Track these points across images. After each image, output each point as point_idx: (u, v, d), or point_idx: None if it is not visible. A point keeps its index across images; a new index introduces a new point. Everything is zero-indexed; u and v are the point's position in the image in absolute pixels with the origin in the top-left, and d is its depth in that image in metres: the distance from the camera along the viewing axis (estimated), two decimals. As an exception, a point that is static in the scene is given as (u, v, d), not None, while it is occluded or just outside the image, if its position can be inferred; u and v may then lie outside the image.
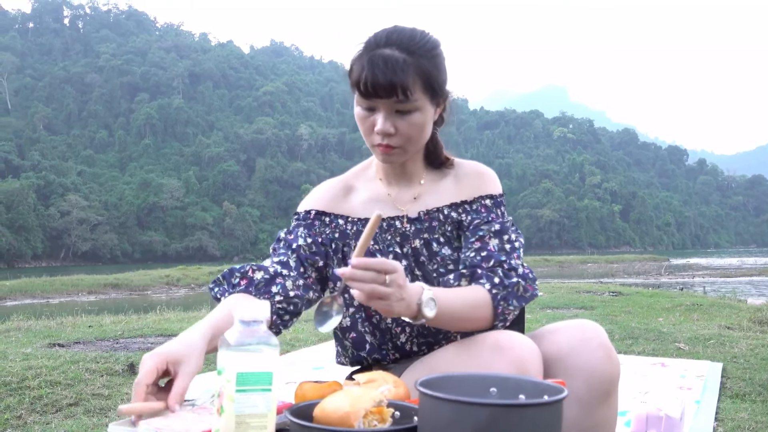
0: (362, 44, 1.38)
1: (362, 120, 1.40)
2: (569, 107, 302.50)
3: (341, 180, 1.56)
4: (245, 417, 0.90)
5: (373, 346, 1.46)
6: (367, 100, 1.35)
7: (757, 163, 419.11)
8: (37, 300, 16.48)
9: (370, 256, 1.41)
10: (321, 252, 1.46)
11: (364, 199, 1.50)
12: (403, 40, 1.33)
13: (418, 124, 1.37)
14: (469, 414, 0.80)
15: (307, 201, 1.54)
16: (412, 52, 1.33)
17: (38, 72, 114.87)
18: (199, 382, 3.84)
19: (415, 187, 1.51)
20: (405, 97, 1.32)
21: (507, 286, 1.37)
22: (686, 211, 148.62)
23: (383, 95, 1.31)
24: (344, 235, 1.47)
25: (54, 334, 5.30)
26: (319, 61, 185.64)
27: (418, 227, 1.47)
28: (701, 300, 8.46)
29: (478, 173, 1.53)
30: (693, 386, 3.40)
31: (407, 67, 1.31)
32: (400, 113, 1.35)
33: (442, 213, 1.48)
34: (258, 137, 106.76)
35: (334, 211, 1.49)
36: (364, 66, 1.32)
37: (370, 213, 1.42)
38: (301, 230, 1.48)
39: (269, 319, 0.96)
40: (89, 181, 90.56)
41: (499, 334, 1.24)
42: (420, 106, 1.35)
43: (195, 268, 24.86)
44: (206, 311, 7.80)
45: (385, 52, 1.32)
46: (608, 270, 30.07)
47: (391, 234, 1.46)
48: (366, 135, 1.41)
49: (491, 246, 1.42)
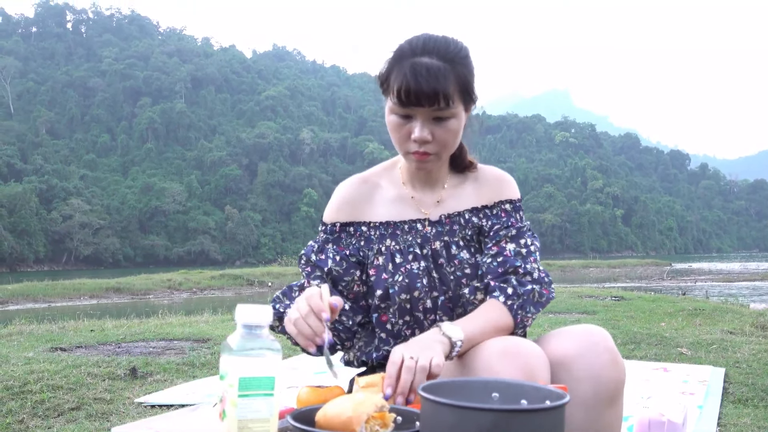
0: (394, 52, 1.39)
1: (397, 128, 1.40)
2: (573, 112, 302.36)
3: (367, 178, 1.58)
4: (247, 422, 0.89)
5: (381, 352, 1.46)
6: (405, 108, 1.36)
7: (760, 167, 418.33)
8: (39, 304, 16.48)
9: (391, 257, 1.47)
10: (352, 264, 1.49)
11: (388, 200, 1.53)
12: (440, 49, 1.36)
13: (454, 131, 1.40)
14: (471, 419, 0.80)
15: (330, 209, 1.56)
16: (450, 60, 1.35)
17: (41, 76, 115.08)
18: (201, 386, 3.81)
19: (439, 191, 1.53)
20: (447, 105, 1.34)
21: (522, 295, 1.39)
22: (688, 216, 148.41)
23: (426, 103, 1.34)
24: (369, 240, 1.51)
25: (56, 338, 5.30)
26: (322, 65, 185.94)
27: (439, 230, 1.50)
28: (703, 305, 8.44)
29: (499, 178, 1.57)
30: (695, 391, 3.39)
31: (448, 75, 1.34)
32: (437, 120, 1.37)
33: (463, 217, 1.51)
34: (260, 141, 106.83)
35: (357, 219, 1.52)
36: (405, 74, 1.33)
37: (393, 215, 1.51)
38: (332, 248, 1.51)
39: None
40: (91, 185, 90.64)
41: (505, 340, 1.24)
42: (456, 112, 1.38)
43: (197, 272, 24.84)
44: (208, 315, 7.80)
45: (424, 61, 1.34)
46: (610, 274, 30.02)
47: (413, 236, 1.49)
48: (400, 143, 1.42)
49: (508, 251, 1.45)
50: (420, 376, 1.11)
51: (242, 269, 28.79)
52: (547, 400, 0.89)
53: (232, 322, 1.09)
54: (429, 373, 1.12)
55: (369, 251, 1.49)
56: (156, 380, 3.71)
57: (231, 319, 1.02)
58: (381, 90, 1.45)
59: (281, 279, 22.92)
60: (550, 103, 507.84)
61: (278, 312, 1.45)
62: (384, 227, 1.50)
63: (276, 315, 1.45)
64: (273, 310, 1.37)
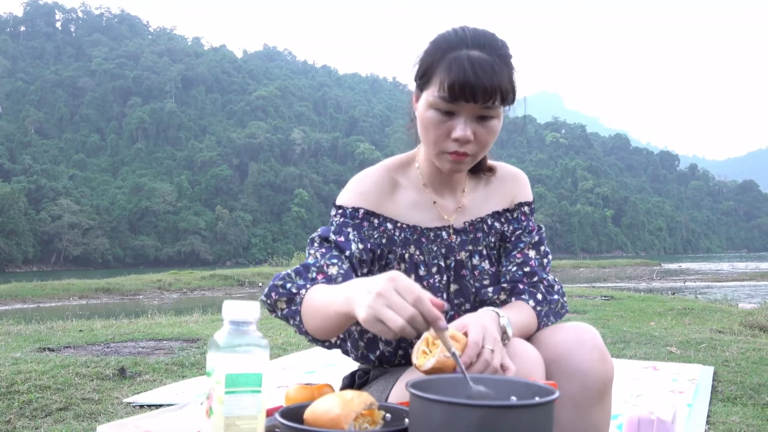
0: (435, 42, 1.30)
1: (436, 125, 1.29)
2: (564, 113, 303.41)
3: (386, 172, 1.45)
4: (234, 419, 0.88)
5: (383, 353, 1.44)
6: (452, 104, 1.25)
7: (748, 168, 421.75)
8: (27, 305, 16.36)
9: (414, 268, 1.39)
10: (368, 260, 1.36)
11: (409, 202, 1.43)
12: (490, 42, 1.27)
13: (495, 131, 1.31)
14: (460, 415, 0.79)
15: (353, 193, 1.41)
16: (500, 56, 1.26)
17: (30, 76, 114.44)
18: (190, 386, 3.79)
19: (459, 195, 1.47)
20: (501, 101, 1.26)
21: (550, 302, 1.39)
22: (678, 216, 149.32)
23: (480, 99, 1.24)
24: (391, 241, 1.40)
25: (44, 339, 5.26)
26: (312, 65, 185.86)
27: (464, 239, 1.44)
28: (693, 304, 8.48)
29: (515, 177, 1.53)
30: (685, 390, 3.40)
31: (503, 70, 1.25)
32: (480, 119, 1.28)
33: (486, 223, 1.47)
34: (251, 142, 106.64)
35: (383, 213, 1.40)
36: (462, 66, 1.23)
37: (417, 220, 1.42)
38: (352, 233, 1.35)
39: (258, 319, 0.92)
40: (81, 186, 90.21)
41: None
42: (500, 112, 1.29)
43: (187, 272, 24.72)
44: (198, 315, 7.76)
45: (475, 54, 1.24)
46: (600, 274, 30.13)
47: (437, 245, 1.42)
48: (437, 141, 1.30)
49: (532, 260, 1.44)
50: (488, 372, 1.06)
51: (233, 270, 28.69)
52: (536, 397, 0.88)
53: (221, 322, 1.03)
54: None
55: (390, 253, 1.40)
56: (145, 380, 3.68)
57: (221, 318, 0.97)
58: (417, 83, 1.33)
59: (271, 279, 22.82)
60: (541, 105, 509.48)
61: (289, 292, 1.24)
62: (410, 231, 1.41)
63: (286, 295, 1.24)
64: (283, 289, 1.25)
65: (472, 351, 1.05)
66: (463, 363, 1.02)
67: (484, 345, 1.07)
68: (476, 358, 1.06)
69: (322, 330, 1.18)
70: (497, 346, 1.09)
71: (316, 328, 1.19)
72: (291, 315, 1.23)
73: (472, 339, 1.07)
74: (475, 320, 1.13)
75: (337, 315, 1.09)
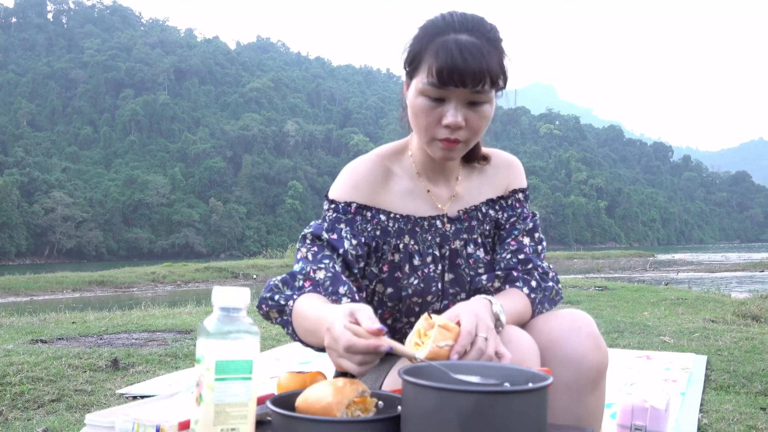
0: (423, 28, 1.27)
1: (427, 111, 1.26)
2: (558, 104, 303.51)
3: (379, 160, 1.42)
4: (225, 406, 0.87)
5: None
6: (441, 89, 1.23)
7: (741, 159, 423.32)
8: (20, 298, 16.30)
9: (409, 258, 1.38)
10: (364, 254, 1.35)
11: (402, 190, 1.41)
12: (479, 26, 1.24)
13: (487, 117, 1.28)
14: (453, 402, 0.79)
15: (345, 186, 1.39)
16: (489, 39, 1.24)
17: (21, 68, 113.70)
18: (184, 377, 3.78)
19: (453, 183, 1.45)
20: (491, 85, 1.23)
21: (543, 290, 1.38)
22: (671, 207, 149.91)
23: (469, 83, 1.21)
24: (385, 232, 1.38)
25: (37, 331, 5.24)
26: (306, 57, 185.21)
27: (458, 227, 1.43)
28: (686, 294, 8.52)
29: (509, 164, 1.52)
30: (678, 378, 3.42)
31: (492, 54, 1.22)
32: (471, 105, 1.25)
33: (480, 211, 1.46)
34: (244, 134, 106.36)
35: (376, 205, 1.38)
36: (449, 50, 1.20)
37: (411, 209, 1.40)
38: (344, 228, 1.34)
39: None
40: (74, 178, 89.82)
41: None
42: (491, 97, 1.27)
43: (181, 264, 24.68)
44: (192, 307, 7.75)
45: (463, 38, 1.21)
46: (594, 265, 30.19)
47: (432, 234, 1.41)
48: (428, 128, 1.28)
49: (527, 247, 1.43)
50: (483, 360, 1.04)
51: (227, 262, 28.68)
52: (530, 383, 0.87)
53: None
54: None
55: (385, 245, 1.38)
56: (138, 371, 3.67)
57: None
58: (406, 70, 1.30)
59: (266, 271, 22.85)
60: (535, 96, 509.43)
61: (277, 304, 1.25)
62: (404, 221, 1.39)
63: (275, 307, 1.25)
64: (272, 301, 1.26)
65: (465, 340, 1.04)
66: (457, 352, 1.02)
67: (477, 333, 1.06)
68: (470, 346, 1.05)
69: (312, 341, 1.21)
70: (491, 334, 1.08)
71: (306, 338, 1.22)
72: (284, 324, 1.26)
73: (464, 328, 1.06)
74: (468, 309, 1.12)
75: (318, 340, 1.12)
